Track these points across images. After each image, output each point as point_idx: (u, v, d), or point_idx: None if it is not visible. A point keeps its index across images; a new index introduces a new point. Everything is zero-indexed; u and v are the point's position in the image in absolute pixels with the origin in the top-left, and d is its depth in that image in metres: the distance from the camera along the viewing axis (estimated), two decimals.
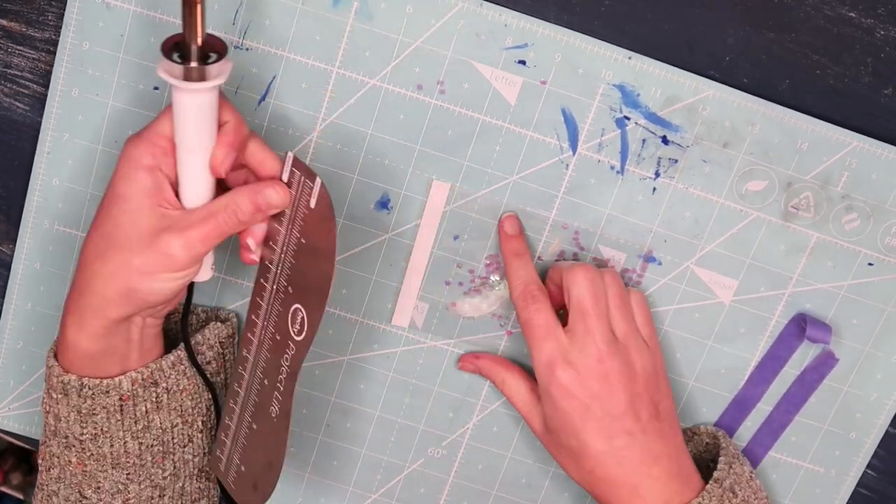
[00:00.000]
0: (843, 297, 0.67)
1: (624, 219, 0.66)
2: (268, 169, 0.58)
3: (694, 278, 0.67)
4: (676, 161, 0.65)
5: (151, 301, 0.57)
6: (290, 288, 0.58)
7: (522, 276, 0.64)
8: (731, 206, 0.66)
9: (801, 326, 0.67)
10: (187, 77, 0.53)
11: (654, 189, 0.65)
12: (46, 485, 0.63)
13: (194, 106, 0.54)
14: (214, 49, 0.54)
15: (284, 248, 0.58)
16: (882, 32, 0.63)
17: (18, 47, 0.65)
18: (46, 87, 0.65)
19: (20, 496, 1.42)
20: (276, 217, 0.58)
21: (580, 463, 0.63)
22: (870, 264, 0.67)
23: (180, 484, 0.64)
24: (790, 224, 0.66)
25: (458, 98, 0.64)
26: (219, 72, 0.54)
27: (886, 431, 0.70)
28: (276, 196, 0.57)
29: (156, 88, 0.64)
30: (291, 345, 0.58)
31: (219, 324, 0.66)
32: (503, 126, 0.64)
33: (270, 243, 0.59)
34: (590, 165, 0.65)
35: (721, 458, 0.65)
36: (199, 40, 0.52)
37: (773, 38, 0.63)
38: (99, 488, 0.61)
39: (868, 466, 0.71)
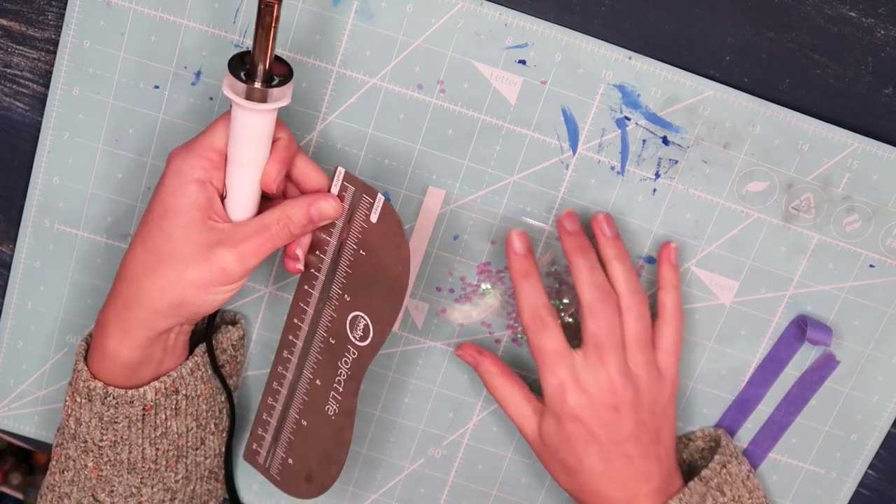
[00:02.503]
0: (844, 298, 0.67)
1: (624, 219, 0.66)
2: (313, 183, 0.59)
3: (694, 279, 0.67)
4: (677, 162, 0.65)
5: (202, 313, 0.58)
6: (346, 296, 0.60)
7: (532, 300, 0.62)
8: (731, 207, 0.65)
9: (802, 328, 0.67)
10: (250, 97, 0.53)
11: (655, 190, 0.65)
12: (59, 486, 0.63)
13: (254, 125, 0.55)
14: (280, 71, 0.55)
15: (336, 258, 0.60)
16: (882, 32, 0.62)
17: (18, 47, 0.65)
18: (46, 86, 0.65)
19: (20, 496, 1.42)
20: (325, 227, 0.60)
21: (573, 477, 0.63)
22: (871, 266, 0.67)
23: (191, 487, 0.64)
24: (791, 225, 0.66)
25: (458, 98, 0.64)
26: (281, 95, 0.54)
27: (888, 432, 0.70)
28: (330, 208, 0.58)
29: (156, 87, 0.64)
30: (352, 349, 0.61)
31: (230, 327, 0.67)
32: (503, 126, 0.64)
33: (317, 252, 0.61)
34: (590, 166, 0.65)
35: (715, 458, 0.66)
36: (268, 63, 0.53)
37: (773, 38, 0.63)
38: (112, 492, 0.62)
39: (869, 467, 0.71)
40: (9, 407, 0.72)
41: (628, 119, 0.64)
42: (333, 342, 0.62)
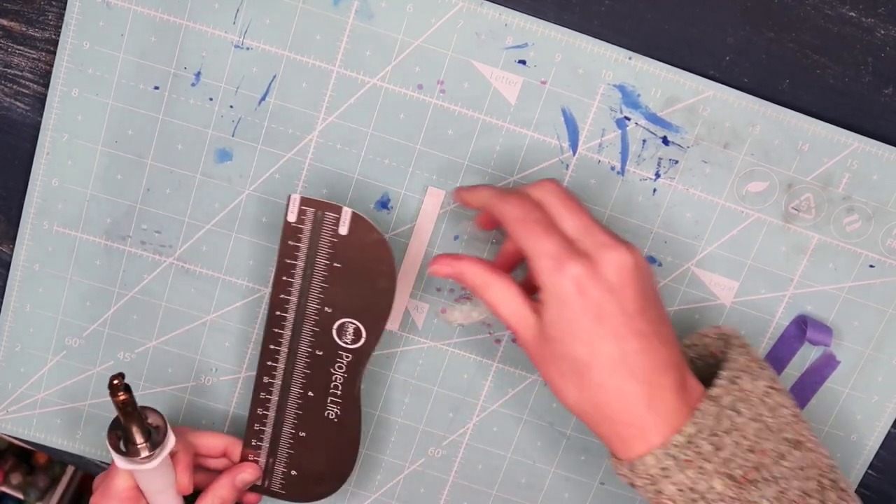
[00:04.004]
0: (845, 298, 0.67)
1: (624, 219, 0.66)
2: (216, 449, 0.68)
3: (694, 280, 0.67)
4: (677, 162, 0.65)
5: None
6: (326, 308, 0.63)
7: (514, 203, 0.57)
8: (731, 207, 0.65)
9: (802, 328, 0.67)
10: (137, 461, 0.61)
11: (655, 190, 0.65)
12: None
13: (153, 472, 0.62)
14: (155, 421, 0.62)
15: (308, 278, 0.62)
16: (882, 32, 0.63)
17: (18, 47, 0.65)
18: (46, 86, 0.65)
19: (20, 496, 1.42)
20: (289, 252, 0.62)
21: (588, 377, 0.55)
22: (871, 266, 0.67)
23: None
24: (791, 225, 0.66)
25: (458, 98, 0.64)
26: (164, 447, 0.61)
27: (888, 432, 0.70)
28: (250, 476, 0.68)
29: (156, 88, 0.64)
30: (345, 354, 0.64)
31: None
32: (503, 126, 0.64)
33: (284, 278, 0.62)
34: (590, 166, 0.65)
35: (722, 373, 0.57)
36: (141, 434, 0.60)
37: (773, 38, 0.63)
38: None
39: (869, 467, 0.71)
40: (7, 410, 0.72)
41: (628, 119, 0.64)
42: (321, 353, 0.64)
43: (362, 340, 0.63)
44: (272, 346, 0.64)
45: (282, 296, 0.63)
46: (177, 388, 0.71)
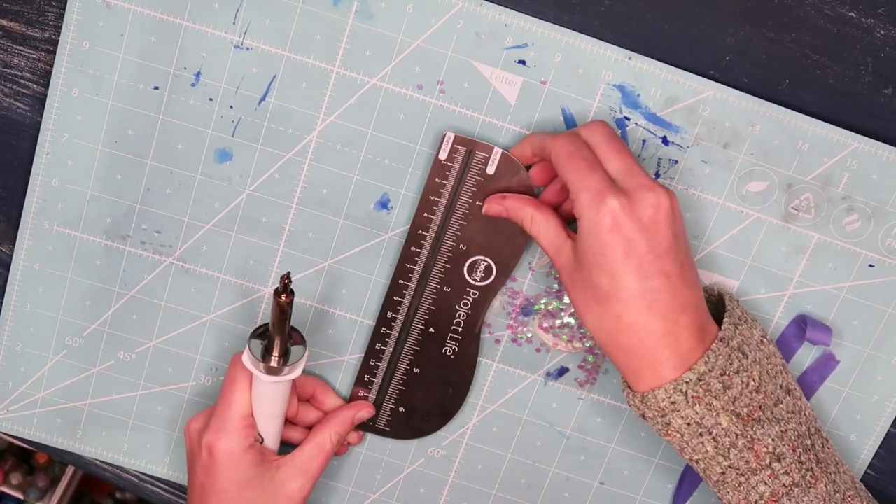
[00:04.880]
0: (844, 298, 0.67)
1: None
2: (304, 389, 0.70)
3: None
4: (677, 162, 0.65)
5: None
6: (461, 246, 0.65)
7: (564, 141, 0.59)
8: (731, 207, 0.65)
9: (802, 328, 0.67)
10: (270, 372, 0.62)
11: None
12: None
13: (277, 389, 0.63)
14: (296, 339, 0.63)
15: (447, 215, 0.65)
16: (882, 32, 0.63)
17: (18, 47, 0.65)
18: (46, 87, 0.65)
19: (20, 496, 1.42)
20: (434, 188, 0.64)
21: (607, 307, 0.57)
22: (870, 266, 0.67)
23: None
24: (791, 225, 0.66)
25: (458, 98, 0.64)
26: (296, 367, 0.62)
27: (887, 432, 0.70)
28: (367, 414, 0.69)
29: (156, 88, 0.64)
30: (472, 291, 0.67)
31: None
32: (503, 126, 0.64)
33: (426, 214, 0.65)
34: None
35: (725, 319, 0.60)
36: (285, 344, 0.62)
37: (773, 38, 0.63)
38: None
39: (869, 467, 0.71)
40: (7, 409, 0.72)
41: (628, 119, 0.64)
42: (448, 290, 0.67)
43: (492, 278, 0.66)
44: (402, 281, 0.66)
45: (419, 231, 0.65)
46: (177, 388, 0.71)
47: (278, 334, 0.60)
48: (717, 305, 0.64)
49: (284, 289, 0.58)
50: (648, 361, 0.58)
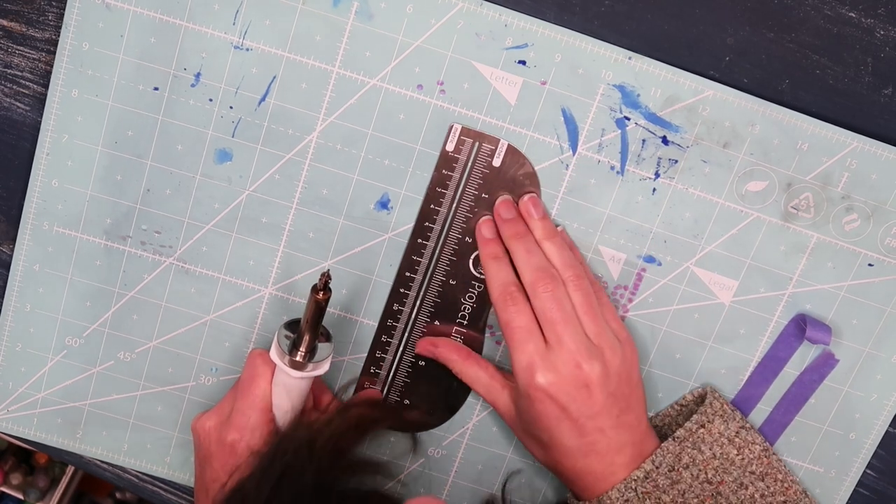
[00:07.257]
0: (843, 297, 0.67)
1: (624, 219, 0.66)
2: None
3: (694, 279, 0.67)
4: (676, 161, 0.65)
5: None
6: (467, 238, 0.66)
7: (501, 278, 0.64)
8: (731, 206, 0.66)
9: (801, 327, 0.67)
10: (295, 367, 0.62)
11: (654, 189, 0.65)
12: None
13: (295, 386, 0.63)
14: (325, 339, 0.64)
15: (454, 208, 0.65)
16: (882, 32, 0.63)
17: (18, 47, 0.65)
18: (46, 87, 0.65)
19: (20, 496, 1.42)
20: (442, 181, 0.65)
21: (548, 453, 0.64)
22: (870, 265, 0.67)
23: None
24: (790, 224, 0.66)
25: (458, 98, 0.64)
26: (322, 364, 0.62)
27: (886, 431, 0.70)
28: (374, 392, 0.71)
29: (156, 89, 0.64)
30: (477, 284, 0.67)
31: None
32: (503, 126, 0.64)
33: (432, 206, 0.65)
34: (590, 166, 0.65)
35: (693, 418, 0.65)
36: (305, 346, 0.62)
37: (773, 38, 0.63)
38: None
39: (868, 466, 0.71)
40: (7, 409, 0.72)
41: (628, 119, 0.64)
42: (454, 283, 0.67)
43: None
44: (407, 274, 0.67)
45: (426, 223, 0.66)
46: (177, 388, 0.71)
47: (310, 331, 0.61)
48: (699, 403, 0.69)
49: (324, 286, 0.59)
50: (593, 488, 0.64)
